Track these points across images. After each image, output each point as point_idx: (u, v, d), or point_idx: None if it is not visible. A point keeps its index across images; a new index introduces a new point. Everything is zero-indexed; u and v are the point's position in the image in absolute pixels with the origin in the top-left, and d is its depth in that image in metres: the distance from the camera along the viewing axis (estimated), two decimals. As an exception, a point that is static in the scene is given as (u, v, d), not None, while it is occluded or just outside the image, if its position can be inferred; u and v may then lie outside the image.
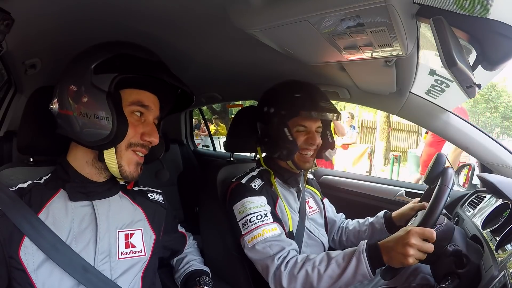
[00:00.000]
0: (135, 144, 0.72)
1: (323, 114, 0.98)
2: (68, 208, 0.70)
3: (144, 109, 0.74)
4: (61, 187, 0.72)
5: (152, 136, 0.73)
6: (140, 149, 0.73)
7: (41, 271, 0.64)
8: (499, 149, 1.11)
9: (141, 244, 0.78)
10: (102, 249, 0.71)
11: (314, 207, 1.19)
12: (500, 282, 0.59)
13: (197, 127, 7.25)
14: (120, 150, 0.71)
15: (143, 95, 0.74)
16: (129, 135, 0.70)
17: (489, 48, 0.60)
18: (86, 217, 0.72)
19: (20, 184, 0.71)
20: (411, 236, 0.72)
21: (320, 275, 0.80)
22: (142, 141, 0.73)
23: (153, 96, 0.76)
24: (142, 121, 0.74)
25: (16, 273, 0.63)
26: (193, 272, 0.94)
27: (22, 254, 0.64)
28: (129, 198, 0.82)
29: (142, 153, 0.75)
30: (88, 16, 0.88)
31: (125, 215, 0.78)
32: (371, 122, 10.21)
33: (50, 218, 0.68)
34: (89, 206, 0.73)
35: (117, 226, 0.75)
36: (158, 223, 0.86)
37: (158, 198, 0.90)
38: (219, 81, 1.60)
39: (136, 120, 0.73)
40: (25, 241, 0.64)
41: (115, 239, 0.74)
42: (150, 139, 0.73)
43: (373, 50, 0.75)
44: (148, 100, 0.74)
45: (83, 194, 0.72)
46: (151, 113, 0.75)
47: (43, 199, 0.70)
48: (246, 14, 0.73)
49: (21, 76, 1.29)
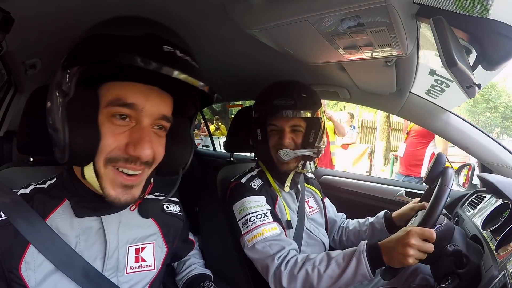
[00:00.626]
0: (115, 159, 0.54)
1: (280, 112, 0.95)
2: (73, 221, 0.61)
3: (128, 109, 0.54)
4: (66, 198, 0.62)
5: (139, 148, 0.53)
6: (125, 165, 0.55)
7: (45, 286, 0.57)
8: (499, 149, 1.11)
9: (152, 258, 0.71)
10: (110, 266, 0.64)
11: (315, 206, 1.19)
12: (500, 282, 0.59)
13: (197, 127, 7.25)
14: (99, 167, 0.55)
15: (127, 88, 0.54)
16: (106, 148, 0.54)
17: (489, 48, 0.60)
18: (93, 233, 0.63)
19: (22, 189, 0.64)
20: (411, 236, 0.72)
21: (320, 275, 0.80)
22: (126, 155, 0.54)
23: (146, 88, 0.56)
24: (131, 126, 0.56)
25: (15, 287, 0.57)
26: (196, 277, 0.93)
27: (23, 270, 0.56)
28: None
29: (134, 171, 0.56)
30: (88, 16, 0.88)
31: (137, 229, 0.69)
32: (371, 122, 10.21)
33: (54, 229, 0.60)
34: (97, 221, 0.63)
35: (127, 241, 0.67)
36: (173, 236, 0.78)
37: (175, 209, 0.81)
38: (219, 81, 1.60)
39: (120, 125, 0.55)
40: (26, 256, 0.56)
41: (125, 255, 0.66)
42: (136, 153, 0.54)
43: (373, 50, 0.75)
44: (134, 95, 0.54)
45: (90, 209, 0.62)
46: (143, 113, 0.55)
47: (46, 209, 0.61)
48: (246, 13, 0.73)
49: (21, 76, 1.29)
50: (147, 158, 0.56)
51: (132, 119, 0.56)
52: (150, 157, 0.56)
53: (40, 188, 0.64)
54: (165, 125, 0.61)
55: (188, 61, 0.56)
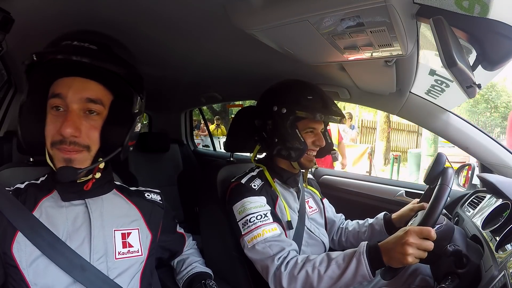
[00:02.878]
0: (55, 142, 0.65)
1: (334, 118, 0.99)
2: (62, 207, 0.70)
3: (58, 99, 0.65)
4: (55, 188, 0.71)
5: (63, 127, 0.63)
6: (60, 146, 0.64)
7: (34, 267, 0.63)
8: (499, 149, 1.11)
9: (138, 244, 0.77)
10: (98, 248, 0.70)
11: (314, 207, 1.19)
12: (500, 282, 0.59)
13: (197, 127, 7.25)
14: (48, 152, 0.67)
15: (56, 83, 0.67)
16: (48, 134, 0.66)
17: (489, 48, 0.60)
18: (80, 216, 0.71)
19: (18, 184, 0.71)
20: (410, 235, 0.72)
21: (320, 276, 0.80)
22: (60, 137, 0.64)
23: (70, 79, 0.66)
24: (64, 114, 0.66)
25: (10, 270, 0.63)
26: (197, 275, 0.94)
27: (15, 250, 0.63)
28: (124, 197, 0.81)
29: (70, 151, 0.65)
30: (88, 16, 0.88)
31: (119, 213, 0.77)
32: (371, 122, 10.21)
33: (44, 216, 0.68)
34: (82, 205, 0.72)
35: (112, 225, 0.74)
36: (155, 223, 0.84)
37: (155, 197, 0.88)
38: (219, 81, 1.60)
39: (55, 115, 0.66)
40: (18, 237, 0.64)
41: (111, 238, 0.73)
42: (62, 131, 0.63)
43: (373, 50, 0.75)
44: (61, 87, 0.66)
45: (74, 194, 0.71)
46: (68, 100, 0.65)
47: (37, 198, 0.69)
48: (246, 14, 0.73)
49: (21, 76, 1.29)
50: (68, 135, 0.63)
51: (64, 107, 0.66)
52: (71, 133, 0.64)
53: (33, 183, 0.73)
54: (95, 108, 0.68)
55: (84, 46, 0.67)
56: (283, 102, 1.00)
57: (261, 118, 1.07)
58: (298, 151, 0.99)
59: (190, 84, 1.66)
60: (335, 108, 1.02)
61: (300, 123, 1.00)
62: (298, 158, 1.01)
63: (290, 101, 1.00)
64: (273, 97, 1.05)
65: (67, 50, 0.64)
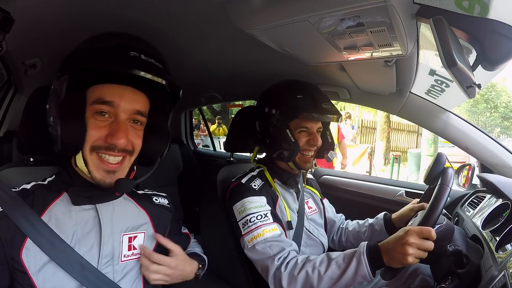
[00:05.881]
0: (98, 147, 0.66)
1: (325, 116, 0.98)
2: (71, 211, 0.69)
3: (107, 106, 0.66)
4: (65, 190, 0.70)
5: (116, 137, 0.65)
6: (106, 152, 0.66)
7: (43, 273, 0.63)
8: (499, 149, 1.11)
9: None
10: (106, 253, 0.70)
11: (314, 207, 1.19)
12: (500, 282, 0.59)
13: (197, 127, 7.25)
14: (86, 154, 0.66)
15: (106, 89, 0.66)
16: (91, 138, 0.66)
17: (489, 48, 0.60)
18: (90, 221, 0.70)
19: (24, 185, 0.70)
20: (410, 235, 0.72)
21: (320, 276, 0.80)
22: (106, 144, 0.66)
23: (121, 88, 0.67)
24: (111, 120, 0.67)
25: (18, 275, 0.63)
26: (194, 253, 0.92)
27: (24, 256, 0.63)
28: (134, 201, 0.80)
29: (115, 157, 0.67)
30: (88, 16, 0.88)
31: (129, 218, 0.76)
32: (371, 122, 10.22)
33: (53, 220, 0.67)
34: (92, 210, 0.71)
35: (121, 229, 0.74)
36: (163, 227, 0.84)
37: (163, 201, 0.88)
38: (219, 81, 1.60)
39: (101, 120, 0.66)
40: (27, 243, 0.63)
41: (119, 243, 0.73)
42: (112, 141, 0.65)
43: (373, 50, 0.75)
44: (112, 94, 0.66)
45: (86, 198, 0.70)
46: (119, 109, 0.66)
47: (46, 201, 0.68)
48: (246, 14, 0.73)
49: (21, 76, 1.29)
50: (122, 146, 0.66)
51: (111, 114, 0.67)
52: (124, 145, 0.67)
53: (41, 184, 0.72)
54: (141, 119, 0.71)
55: (152, 62, 0.67)
56: (274, 103, 1.02)
57: (258, 119, 1.09)
58: (289, 152, 0.99)
59: (190, 84, 1.66)
60: (327, 106, 1.00)
61: (292, 123, 1.00)
62: (290, 158, 1.01)
63: (279, 101, 1.01)
64: (266, 99, 1.07)
65: (139, 65, 0.63)
